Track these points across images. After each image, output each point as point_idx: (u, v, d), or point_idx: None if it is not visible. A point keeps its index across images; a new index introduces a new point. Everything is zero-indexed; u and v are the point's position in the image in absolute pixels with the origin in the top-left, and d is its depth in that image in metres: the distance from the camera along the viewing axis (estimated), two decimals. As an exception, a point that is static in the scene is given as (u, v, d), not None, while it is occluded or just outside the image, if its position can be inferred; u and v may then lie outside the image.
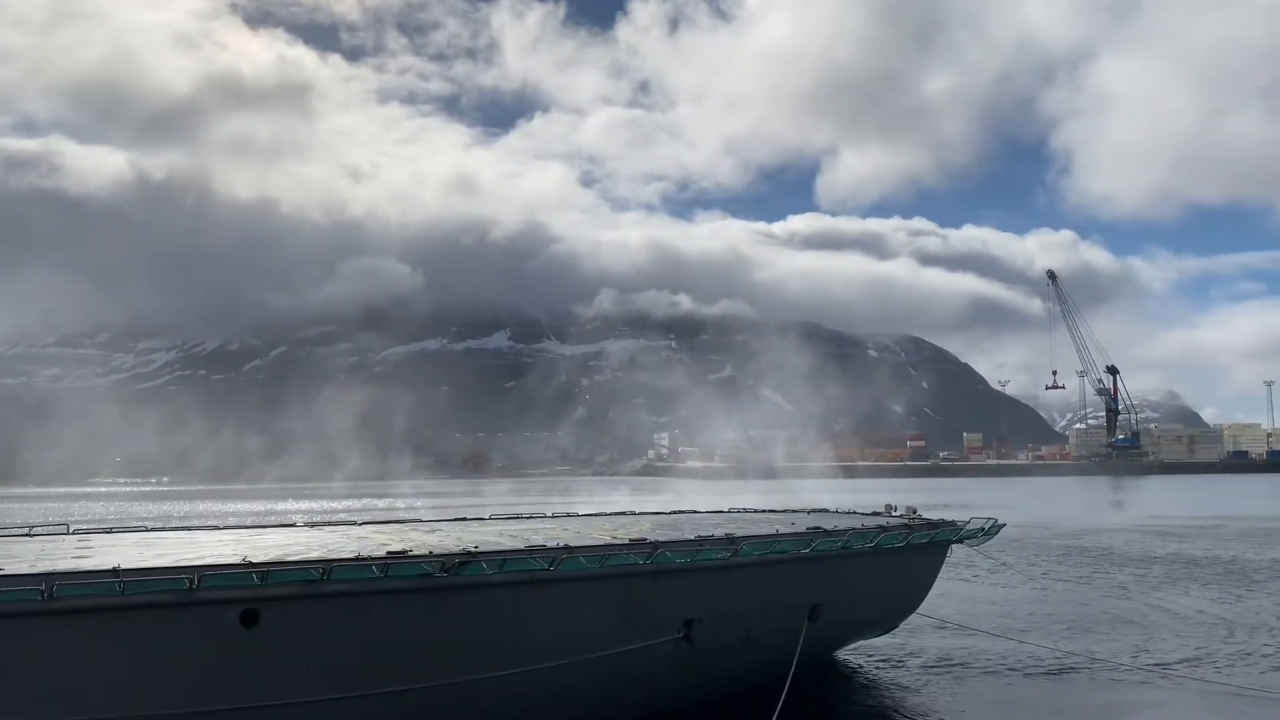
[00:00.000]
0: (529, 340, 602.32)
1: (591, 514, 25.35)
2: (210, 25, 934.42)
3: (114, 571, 11.72)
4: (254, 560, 12.74)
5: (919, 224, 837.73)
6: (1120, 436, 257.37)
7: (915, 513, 22.26)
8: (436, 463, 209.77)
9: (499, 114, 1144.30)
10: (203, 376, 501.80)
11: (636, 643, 14.90)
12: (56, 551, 14.74)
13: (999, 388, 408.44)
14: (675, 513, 24.76)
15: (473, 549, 14.29)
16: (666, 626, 15.41)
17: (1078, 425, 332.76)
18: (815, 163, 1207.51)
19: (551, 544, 15.21)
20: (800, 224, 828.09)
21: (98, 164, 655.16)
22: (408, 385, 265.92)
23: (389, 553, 13.70)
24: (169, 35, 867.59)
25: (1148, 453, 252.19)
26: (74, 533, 17.96)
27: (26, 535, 17.44)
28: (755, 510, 25.29)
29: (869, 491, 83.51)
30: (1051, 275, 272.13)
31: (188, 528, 19.33)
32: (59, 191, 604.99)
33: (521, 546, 15.09)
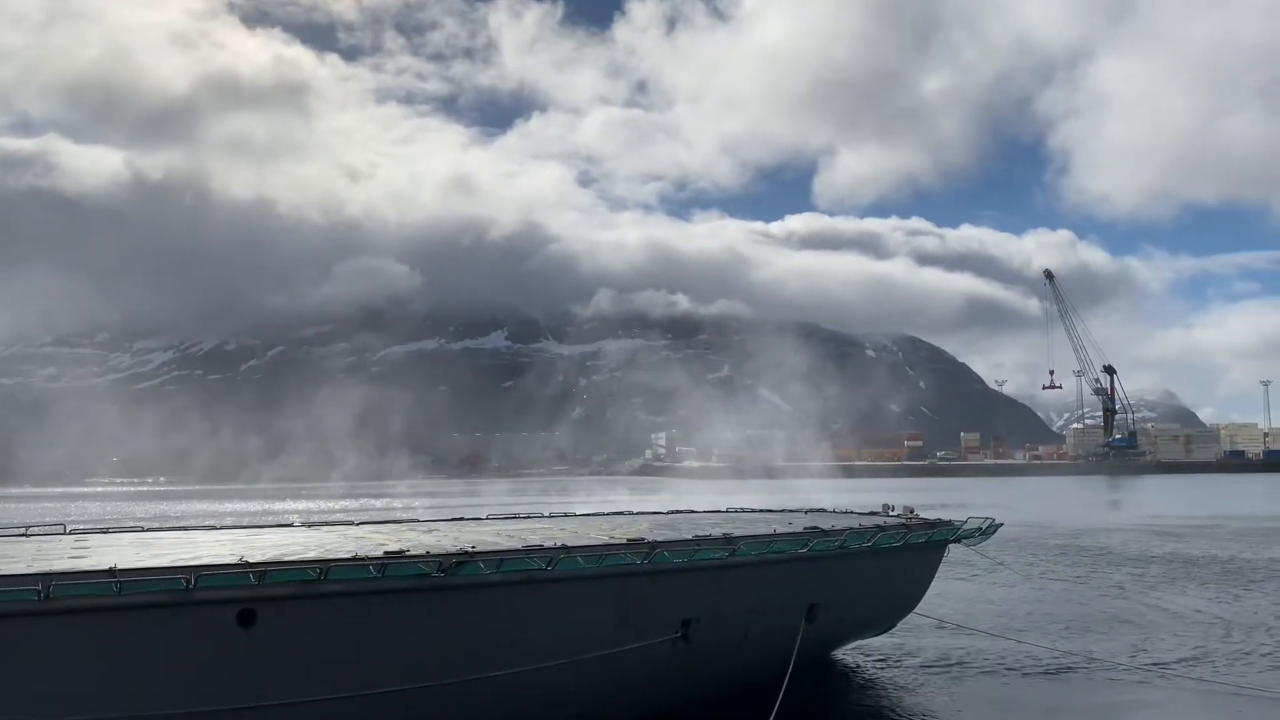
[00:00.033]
0: (526, 340, 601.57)
1: (589, 514, 25.30)
2: (207, 25, 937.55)
3: (111, 572, 11.68)
4: (251, 560, 12.71)
5: (916, 224, 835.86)
6: (1117, 436, 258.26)
7: (913, 512, 22.25)
8: (434, 462, 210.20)
9: (497, 114, 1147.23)
10: (200, 376, 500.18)
11: (634, 642, 14.89)
12: (53, 551, 14.69)
13: (996, 387, 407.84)
14: (673, 512, 24.71)
15: (470, 549, 14.27)
16: (664, 626, 15.40)
17: (1075, 425, 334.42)
18: (813, 162, 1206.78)
19: (549, 544, 15.17)
20: (798, 224, 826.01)
21: (94, 164, 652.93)
22: (405, 385, 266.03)
23: (386, 553, 13.67)
24: (166, 35, 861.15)
25: (1144, 452, 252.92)
26: (71, 533, 17.89)
27: (23, 535, 17.34)
28: (753, 510, 25.24)
29: (866, 491, 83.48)
30: (1049, 275, 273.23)
31: (185, 528, 19.26)
32: (55, 191, 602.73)
33: (519, 546, 15.04)
